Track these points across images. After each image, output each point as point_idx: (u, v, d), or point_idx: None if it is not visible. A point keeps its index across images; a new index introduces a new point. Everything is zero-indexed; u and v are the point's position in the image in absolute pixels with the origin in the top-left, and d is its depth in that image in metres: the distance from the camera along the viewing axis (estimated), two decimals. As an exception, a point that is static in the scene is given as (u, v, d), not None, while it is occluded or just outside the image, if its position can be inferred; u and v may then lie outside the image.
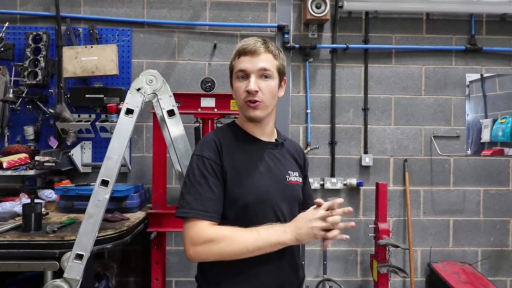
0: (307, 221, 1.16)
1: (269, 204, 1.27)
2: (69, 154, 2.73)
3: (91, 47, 2.73)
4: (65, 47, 2.77)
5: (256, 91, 1.26)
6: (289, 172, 1.36)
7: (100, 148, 2.91)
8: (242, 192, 1.24)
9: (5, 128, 2.83)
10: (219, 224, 1.22)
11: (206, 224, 1.20)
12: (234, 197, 1.24)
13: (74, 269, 1.73)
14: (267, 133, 1.39)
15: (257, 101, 1.28)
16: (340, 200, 1.19)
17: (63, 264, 1.80)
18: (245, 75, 1.29)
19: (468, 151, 3.16)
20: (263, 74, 1.29)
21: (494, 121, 3.16)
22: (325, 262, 2.99)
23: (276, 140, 1.42)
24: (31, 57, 2.74)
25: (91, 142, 2.91)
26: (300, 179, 1.41)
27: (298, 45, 3.01)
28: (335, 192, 3.09)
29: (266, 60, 1.29)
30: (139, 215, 2.44)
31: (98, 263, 2.64)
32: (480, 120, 3.17)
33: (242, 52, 1.29)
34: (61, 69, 2.79)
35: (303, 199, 1.42)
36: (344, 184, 3.07)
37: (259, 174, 1.28)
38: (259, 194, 1.26)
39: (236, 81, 1.31)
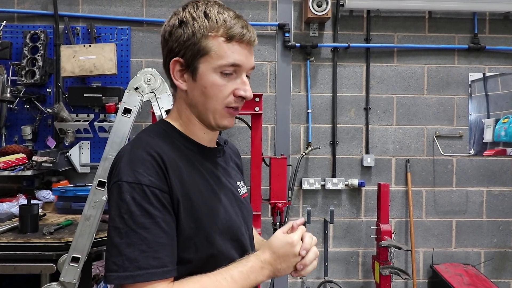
0: (291, 256, 0.91)
1: (232, 232, 0.98)
2: (67, 154, 2.71)
3: (90, 46, 2.70)
4: (63, 46, 2.73)
5: (251, 98, 0.95)
6: (238, 183, 1.09)
7: (99, 148, 2.88)
8: (200, 226, 0.91)
9: (2, 127, 2.80)
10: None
11: (165, 285, 0.85)
12: (189, 234, 0.90)
13: (71, 272, 1.70)
14: (215, 138, 1.07)
15: (239, 108, 0.97)
16: (302, 220, 0.99)
17: (59, 267, 1.77)
18: (234, 72, 0.93)
19: (470, 151, 3.13)
20: (248, 75, 0.97)
21: (497, 121, 3.13)
22: (326, 264, 2.96)
23: (218, 144, 1.10)
24: (29, 56, 2.71)
25: (89, 142, 2.89)
26: (246, 189, 1.13)
27: (299, 44, 2.98)
28: (336, 193, 3.06)
29: (253, 55, 0.98)
30: (137, 216, 2.40)
31: (96, 264, 2.61)
32: (483, 120, 3.14)
33: (238, 37, 0.91)
34: (59, 68, 2.76)
35: None
36: (346, 185, 3.04)
37: (213, 195, 0.96)
38: (220, 223, 0.95)
39: (218, 75, 0.92)
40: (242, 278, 0.88)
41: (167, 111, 1.74)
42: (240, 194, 1.07)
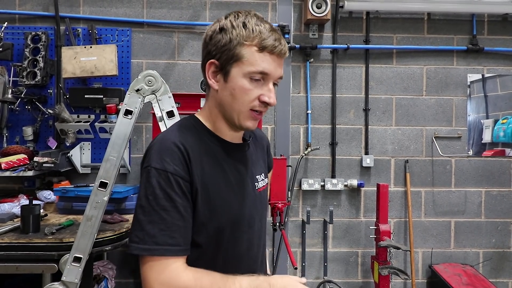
0: None
1: (243, 224, 1.09)
2: (68, 155, 2.71)
3: (90, 47, 2.71)
4: (64, 47, 2.75)
5: (274, 105, 1.04)
6: (257, 177, 1.18)
7: (100, 149, 2.89)
8: (213, 215, 1.02)
9: (3, 128, 2.81)
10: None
11: (179, 263, 0.96)
12: (203, 220, 1.01)
13: (72, 272, 1.71)
14: (240, 135, 1.16)
15: (263, 112, 1.06)
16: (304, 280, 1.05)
17: (61, 267, 1.79)
18: (262, 79, 1.02)
19: (469, 152, 3.14)
20: (275, 83, 1.06)
21: (496, 121, 3.15)
22: (325, 264, 2.98)
23: (244, 139, 1.19)
24: (30, 57, 2.72)
25: (90, 142, 2.90)
26: (266, 180, 1.24)
27: (298, 45, 3.00)
28: (335, 193, 3.08)
29: (283, 66, 1.07)
30: (138, 216, 2.42)
31: (97, 264, 2.62)
32: (482, 121, 3.15)
33: (270, 49, 1.00)
34: (60, 69, 2.78)
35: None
36: (345, 185, 3.05)
37: (230, 188, 1.06)
38: (232, 214, 1.05)
39: (247, 80, 1.01)
40: None
41: (168, 113, 1.76)
42: (257, 188, 1.16)
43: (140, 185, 1.00)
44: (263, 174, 1.22)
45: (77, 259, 1.72)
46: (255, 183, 1.16)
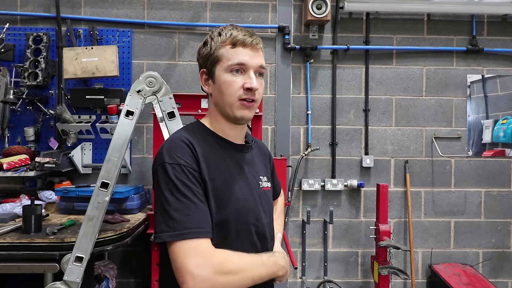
0: (287, 264, 1.21)
1: (249, 217, 1.15)
2: (70, 155, 2.73)
3: (92, 48, 2.73)
4: (65, 48, 2.77)
5: (257, 89, 1.13)
6: (261, 177, 1.26)
7: (101, 149, 2.90)
8: (221, 207, 1.08)
9: (5, 129, 2.83)
10: None
11: (209, 244, 1.02)
12: (210, 212, 1.07)
13: (74, 271, 1.73)
14: (242, 136, 1.26)
15: (253, 100, 1.14)
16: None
17: (63, 266, 1.80)
18: (242, 70, 1.13)
19: (469, 152, 3.15)
20: (259, 72, 1.15)
21: (495, 122, 3.15)
22: (325, 264, 2.99)
23: (246, 142, 1.28)
24: (32, 58, 2.74)
25: (91, 143, 2.91)
26: (269, 184, 1.31)
27: (298, 46, 3.01)
28: (335, 193, 3.09)
29: (262, 57, 1.17)
30: (139, 216, 2.44)
31: (98, 264, 2.64)
32: (481, 121, 3.16)
33: (240, 43, 1.13)
34: (61, 70, 2.79)
35: (273, 189, 1.40)
36: (345, 185, 3.06)
37: (236, 183, 1.14)
38: (238, 207, 1.12)
39: (229, 74, 1.12)
40: (268, 264, 1.10)
41: (169, 114, 1.77)
42: (261, 186, 1.24)
43: (158, 182, 1.06)
44: (265, 177, 1.29)
45: (78, 259, 1.74)
46: (259, 182, 1.23)
